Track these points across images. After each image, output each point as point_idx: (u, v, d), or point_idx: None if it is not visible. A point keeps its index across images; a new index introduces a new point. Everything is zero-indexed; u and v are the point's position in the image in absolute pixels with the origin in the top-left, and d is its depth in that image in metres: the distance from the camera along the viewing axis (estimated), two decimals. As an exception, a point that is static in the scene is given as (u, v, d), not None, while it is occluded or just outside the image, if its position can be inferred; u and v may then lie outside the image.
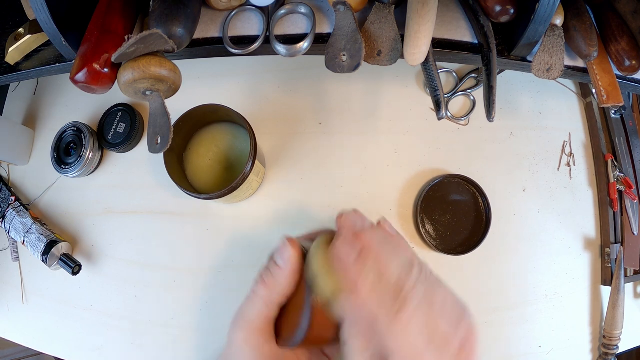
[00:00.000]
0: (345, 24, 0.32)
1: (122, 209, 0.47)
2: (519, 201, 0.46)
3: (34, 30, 0.37)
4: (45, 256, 0.44)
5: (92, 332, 0.45)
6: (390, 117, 0.48)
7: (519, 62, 0.35)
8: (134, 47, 0.27)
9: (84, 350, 0.45)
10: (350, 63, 0.32)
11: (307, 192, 0.46)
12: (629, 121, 0.47)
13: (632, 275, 0.43)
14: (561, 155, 0.47)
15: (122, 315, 0.45)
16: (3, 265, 0.49)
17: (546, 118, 0.48)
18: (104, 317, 0.45)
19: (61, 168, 0.47)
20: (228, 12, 0.36)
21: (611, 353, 0.41)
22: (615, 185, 0.44)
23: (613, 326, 0.41)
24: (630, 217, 0.44)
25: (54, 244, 0.44)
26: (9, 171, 0.51)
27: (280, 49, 0.34)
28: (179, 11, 0.30)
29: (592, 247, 0.45)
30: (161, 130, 0.30)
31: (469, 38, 0.35)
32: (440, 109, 0.33)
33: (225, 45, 0.34)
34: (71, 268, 0.43)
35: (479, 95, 0.48)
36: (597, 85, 0.34)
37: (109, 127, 0.48)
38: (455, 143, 0.47)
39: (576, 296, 0.44)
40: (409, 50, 0.31)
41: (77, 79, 0.28)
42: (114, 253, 0.46)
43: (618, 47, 0.34)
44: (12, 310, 0.47)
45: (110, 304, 0.45)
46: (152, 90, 0.30)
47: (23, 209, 0.47)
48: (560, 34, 0.33)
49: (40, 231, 0.45)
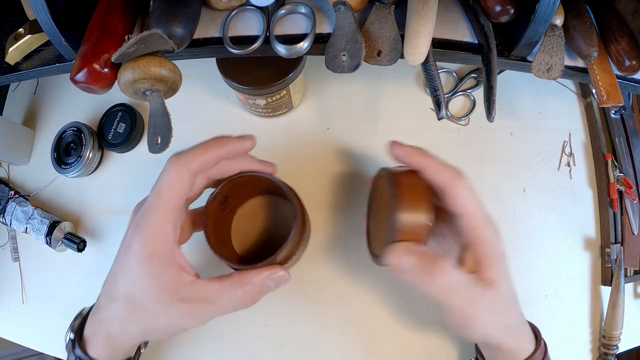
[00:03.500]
0: (345, 24, 0.32)
1: (122, 209, 0.47)
2: (519, 201, 0.46)
3: (34, 30, 0.37)
4: (49, 237, 0.44)
5: (92, 332, 0.45)
6: (390, 117, 0.48)
7: (519, 62, 0.35)
8: (134, 47, 0.27)
9: (84, 350, 0.45)
10: (350, 63, 0.32)
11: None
12: (629, 121, 0.47)
13: (632, 275, 0.43)
14: (561, 155, 0.47)
15: (122, 315, 0.45)
16: (3, 265, 0.49)
17: (546, 118, 0.48)
18: (104, 317, 0.45)
19: (61, 168, 0.47)
20: (228, 12, 0.36)
21: (611, 353, 0.41)
22: (615, 185, 0.44)
23: (613, 326, 0.41)
24: (630, 217, 0.44)
25: (56, 224, 0.45)
26: (9, 171, 0.51)
27: (280, 49, 0.34)
28: (179, 11, 0.30)
29: (592, 247, 0.45)
30: (161, 130, 0.30)
31: (469, 38, 0.35)
32: (440, 109, 0.33)
33: (225, 45, 0.34)
34: (76, 244, 0.44)
35: (479, 95, 0.48)
36: (597, 85, 0.34)
37: (109, 127, 0.48)
38: (455, 143, 0.47)
39: (576, 296, 0.44)
40: (409, 50, 0.31)
41: (77, 79, 0.28)
42: (114, 253, 0.46)
43: (618, 47, 0.34)
44: (12, 310, 0.47)
45: (110, 304, 0.45)
46: (152, 90, 0.30)
47: (23, 200, 0.48)
48: (560, 34, 0.33)
49: (42, 215, 0.46)
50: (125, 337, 0.30)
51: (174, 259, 0.29)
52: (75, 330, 0.31)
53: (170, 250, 0.28)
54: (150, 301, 0.28)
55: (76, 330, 0.31)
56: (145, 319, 0.28)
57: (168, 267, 0.28)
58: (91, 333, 0.31)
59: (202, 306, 0.28)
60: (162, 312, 0.28)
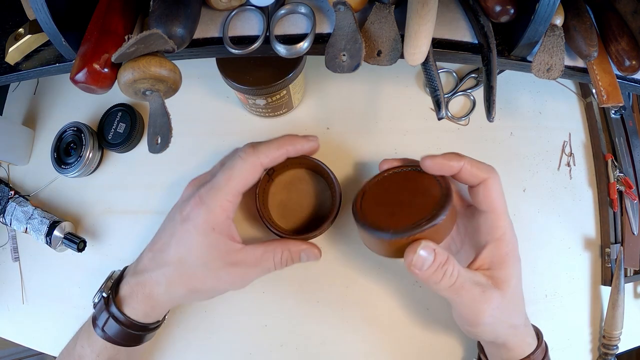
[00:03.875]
0: (345, 24, 0.32)
1: (122, 209, 0.47)
2: (519, 201, 0.46)
3: (34, 30, 0.36)
4: (49, 237, 0.44)
5: (92, 332, 0.45)
6: (390, 117, 0.48)
7: (519, 62, 0.35)
8: (134, 47, 0.27)
9: (84, 350, 0.45)
10: (350, 63, 0.32)
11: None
12: (629, 121, 0.47)
13: (632, 275, 0.43)
14: (561, 155, 0.47)
15: (122, 315, 0.45)
16: (3, 265, 0.49)
17: (546, 118, 0.48)
18: (104, 317, 0.45)
19: (61, 168, 0.47)
20: (228, 12, 0.36)
21: (611, 353, 0.41)
22: (615, 185, 0.44)
23: (613, 326, 0.41)
24: (630, 217, 0.44)
25: (56, 224, 0.45)
26: (9, 171, 0.51)
27: (280, 49, 0.34)
28: (179, 11, 0.30)
29: (592, 247, 0.45)
30: (161, 130, 0.30)
31: (469, 38, 0.35)
32: (440, 109, 0.33)
33: (225, 45, 0.34)
34: (76, 244, 0.44)
35: (479, 95, 0.48)
36: (597, 85, 0.34)
37: (109, 127, 0.48)
38: (455, 143, 0.47)
39: (576, 296, 0.44)
40: (409, 50, 0.31)
41: (77, 79, 0.28)
42: (114, 253, 0.46)
43: (618, 47, 0.34)
44: (12, 310, 0.47)
45: (110, 304, 0.45)
46: (152, 90, 0.30)
47: (23, 200, 0.48)
48: (560, 34, 0.33)
49: (42, 215, 0.46)
50: (167, 298, 0.34)
51: (230, 231, 0.33)
52: (109, 289, 0.34)
53: (228, 225, 0.33)
54: (203, 267, 0.32)
55: (110, 289, 0.34)
56: (194, 281, 0.33)
57: (224, 239, 0.33)
58: (129, 293, 0.34)
59: (248, 269, 0.34)
60: (212, 276, 0.33)
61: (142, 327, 0.35)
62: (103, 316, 0.33)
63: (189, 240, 0.32)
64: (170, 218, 0.36)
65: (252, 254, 0.34)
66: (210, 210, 0.32)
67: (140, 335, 0.35)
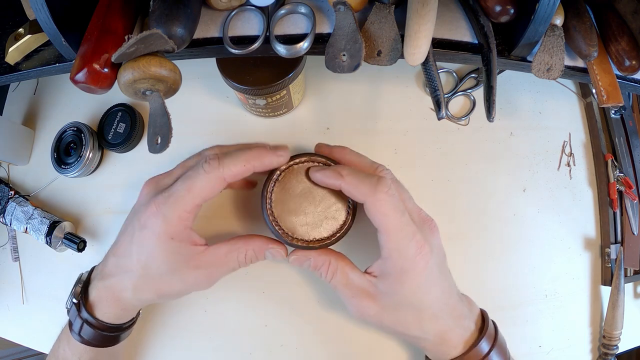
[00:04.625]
0: (345, 24, 0.32)
1: (122, 209, 0.47)
2: (519, 201, 0.46)
3: (34, 30, 0.37)
4: (49, 237, 0.44)
5: (92, 332, 0.45)
6: (390, 117, 0.48)
7: (519, 62, 0.35)
8: (134, 47, 0.27)
9: (84, 350, 0.45)
10: (350, 63, 0.32)
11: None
12: (629, 121, 0.47)
13: (632, 275, 0.43)
14: (561, 155, 0.47)
15: (122, 315, 0.45)
16: (3, 265, 0.49)
17: (546, 118, 0.48)
18: (104, 317, 0.45)
19: (61, 168, 0.47)
20: (228, 12, 0.36)
21: (611, 353, 0.41)
22: (615, 185, 0.44)
23: (613, 326, 0.41)
24: (630, 217, 0.44)
25: (56, 224, 0.45)
26: (9, 171, 0.51)
27: (280, 49, 0.34)
28: (179, 11, 0.30)
29: (592, 247, 0.45)
30: (161, 130, 0.30)
31: (469, 38, 0.35)
32: (440, 109, 0.33)
33: (225, 45, 0.34)
34: (76, 244, 0.44)
35: (479, 95, 0.48)
36: (597, 85, 0.34)
37: (109, 127, 0.48)
38: (455, 143, 0.47)
39: (576, 296, 0.44)
40: (409, 50, 0.31)
41: (77, 79, 0.28)
42: (114, 253, 0.46)
43: (618, 47, 0.34)
44: (12, 310, 0.47)
45: (110, 304, 0.45)
46: (152, 90, 0.30)
47: (23, 200, 0.48)
48: (560, 34, 0.33)
49: (42, 215, 0.46)
50: (137, 302, 0.34)
51: (190, 238, 0.33)
52: (78, 295, 0.34)
53: (187, 233, 0.32)
54: (168, 272, 0.32)
55: (79, 295, 0.34)
56: (162, 286, 0.33)
57: (184, 245, 0.32)
58: (98, 298, 0.34)
59: (213, 270, 0.34)
60: (178, 280, 0.33)
61: (116, 329, 0.35)
62: (77, 322, 0.34)
63: (149, 248, 0.32)
64: (129, 221, 0.35)
65: (215, 254, 0.33)
66: (167, 221, 0.31)
67: (116, 335, 0.35)
